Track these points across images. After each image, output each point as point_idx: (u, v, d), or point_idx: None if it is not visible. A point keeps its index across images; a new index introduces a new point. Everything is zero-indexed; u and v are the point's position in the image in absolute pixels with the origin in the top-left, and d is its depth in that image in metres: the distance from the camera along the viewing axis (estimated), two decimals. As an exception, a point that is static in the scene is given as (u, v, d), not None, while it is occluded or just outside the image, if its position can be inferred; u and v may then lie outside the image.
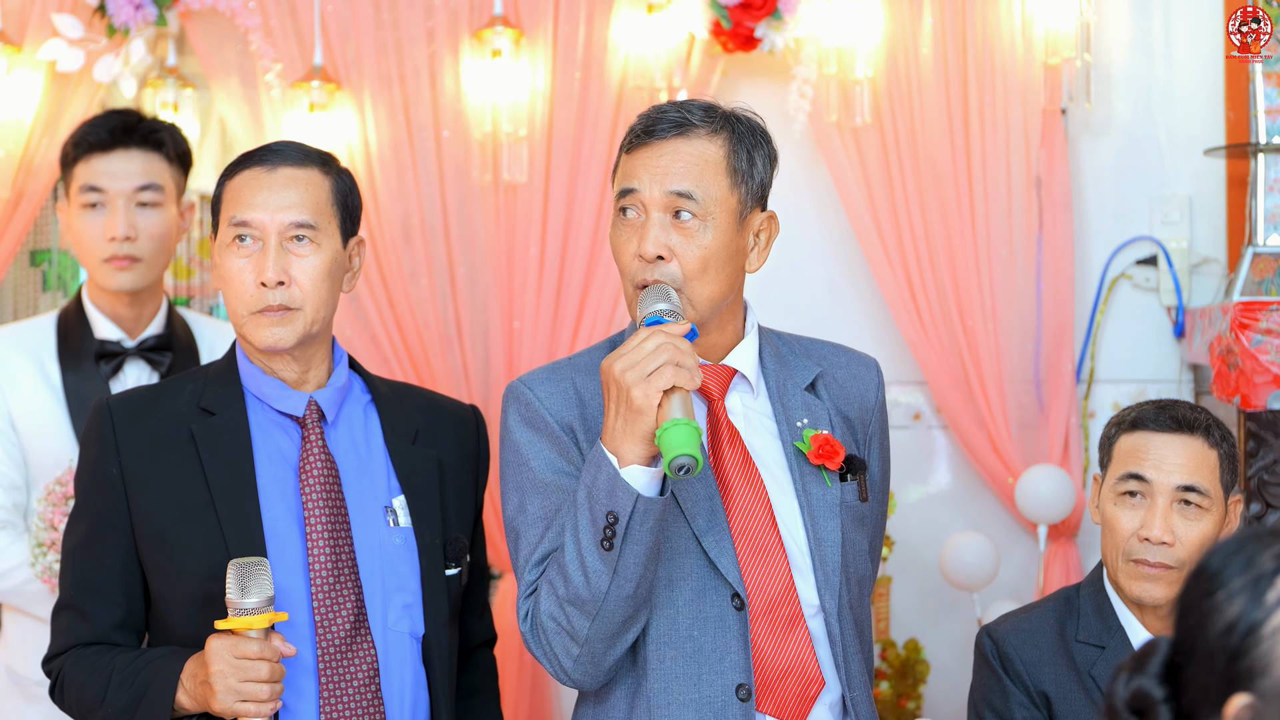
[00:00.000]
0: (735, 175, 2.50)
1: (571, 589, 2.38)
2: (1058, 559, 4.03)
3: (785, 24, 4.05)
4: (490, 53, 4.09)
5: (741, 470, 2.53)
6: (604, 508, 2.33)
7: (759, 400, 2.60)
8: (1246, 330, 3.49)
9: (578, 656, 2.42)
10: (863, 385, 2.69)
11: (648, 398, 2.29)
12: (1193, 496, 2.74)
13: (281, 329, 2.59)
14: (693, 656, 2.46)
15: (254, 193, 2.62)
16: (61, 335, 3.51)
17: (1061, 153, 4.07)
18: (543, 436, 2.53)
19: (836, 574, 2.52)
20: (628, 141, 2.54)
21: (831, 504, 2.55)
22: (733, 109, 2.57)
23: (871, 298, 4.23)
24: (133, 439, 2.61)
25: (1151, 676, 1.46)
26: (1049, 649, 2.83)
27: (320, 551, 2.57)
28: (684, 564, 2.48)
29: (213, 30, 4.21)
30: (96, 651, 2.60)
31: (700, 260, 2.45)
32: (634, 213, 2.50)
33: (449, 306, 4.17)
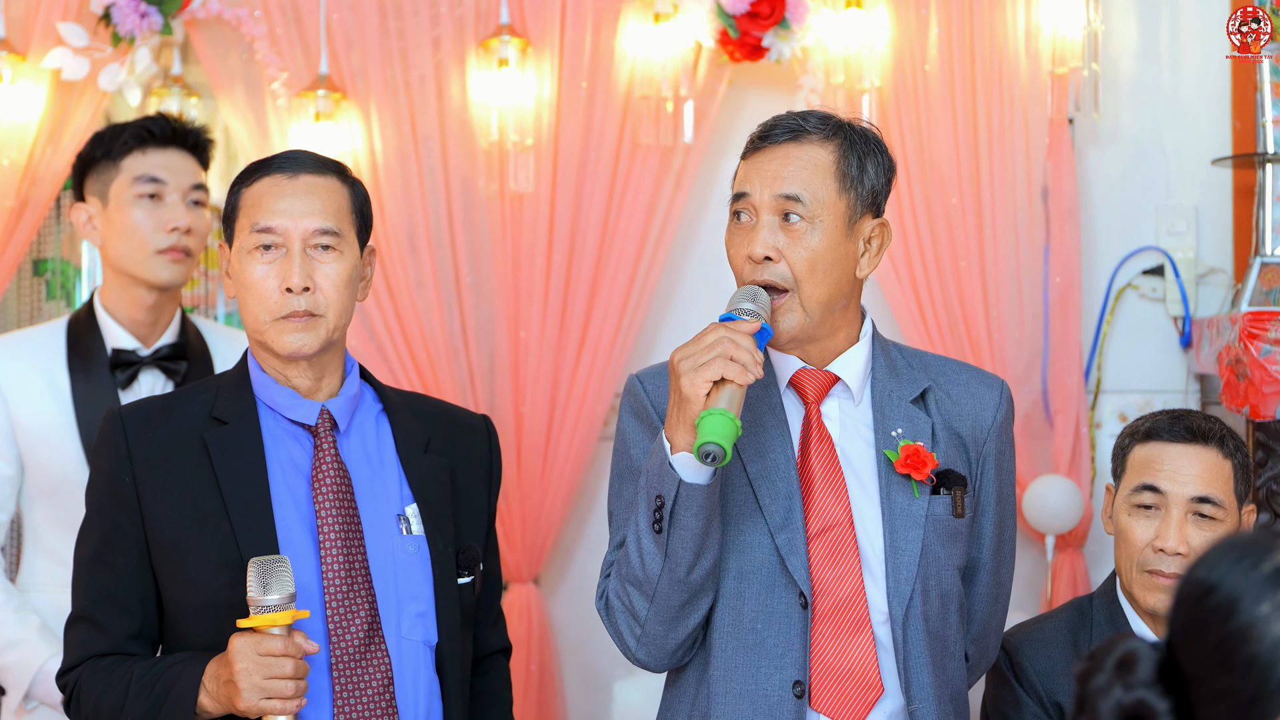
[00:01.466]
0: (845, 180, 2.56)
1: (631, 569, 2.49)
2: (1065, 569, 4.02)
3: (792, 33, 4.05)
4: (497, 62, 4.08)
5: (827, 472, 2.59)
6: (654, 491, 2.43)
7: (859, 408, 2.64)
8: (1255, 340, 3.48)
9: (640, 637, 2.53)
10: (980, 404, 2.70)
11: (694, 387, 2.36)
12: (1207, 508, 2.74)
13: (306, 335, 2.59)
14: (754, 649, 2.52)
15: (277, 199, 2.61)
16: (71, 343, 3.49)
17: (1068, 163, 4.07)
18: (645, 427, 2.62)
19: (909, 583, 2.55)
20: (747, 149, 2.62)
21: (916, 515, 2.58)
22: (850, 119, 2.63)
23: (878, 308, 4.22)
24: (145, 449, 2.61)
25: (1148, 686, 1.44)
26: (1062, 659, 2.82)
27: (334, 560, 2.57)
28: (756, 558, 2.54)
29: (218, 39, 4.21)
30: (113, 662, 2.58)
31: (808, 262, 2.52)
32: (746, 216, 2.57)
33: (455, 316, 4.16)
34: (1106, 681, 1.47)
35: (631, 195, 4.14)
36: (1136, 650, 1.46)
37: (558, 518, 4.18)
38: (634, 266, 4.15)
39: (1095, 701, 1.46)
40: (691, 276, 4.34)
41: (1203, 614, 1.42)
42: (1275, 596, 1.38)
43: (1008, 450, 2.74)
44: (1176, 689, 1.44)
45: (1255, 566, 1.40)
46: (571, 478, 4.17)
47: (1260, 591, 1.38)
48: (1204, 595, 1.42)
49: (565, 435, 4.15)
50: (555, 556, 4.33)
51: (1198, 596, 1.43)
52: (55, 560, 3.45)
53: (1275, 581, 1.39)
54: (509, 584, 4.20)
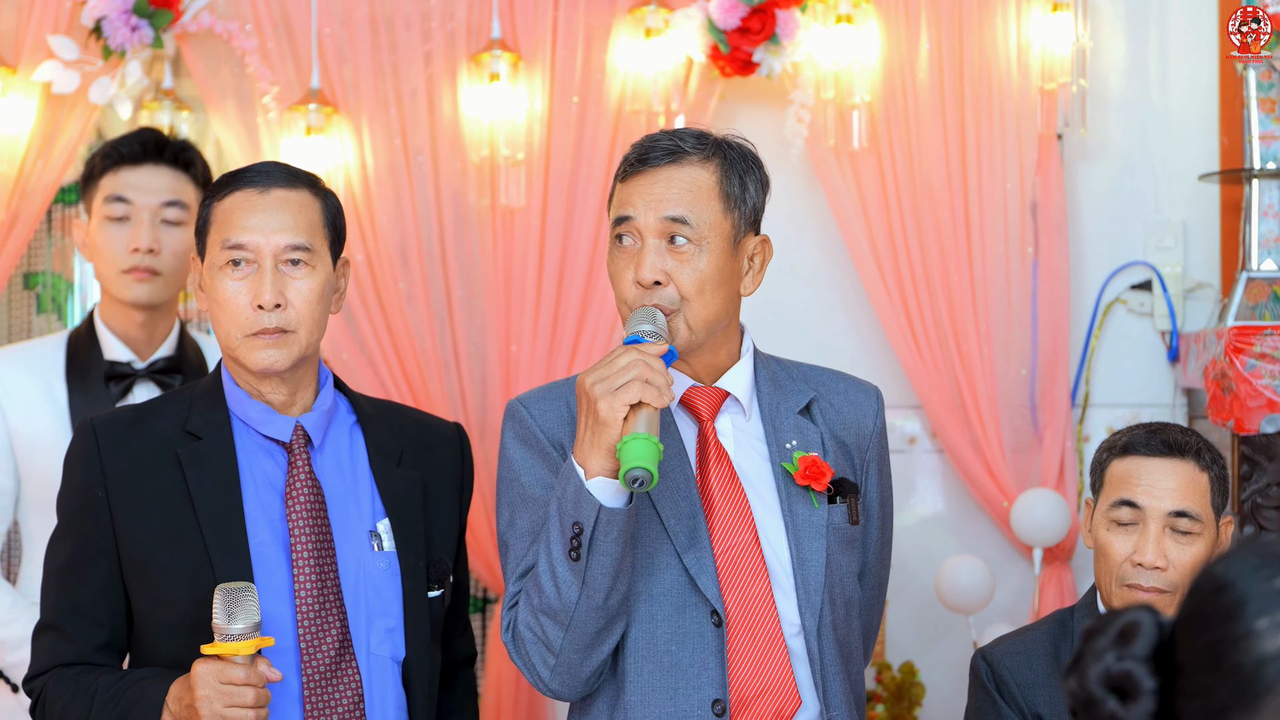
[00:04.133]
0: (728, 200, 2.54)
1: (545, 599, 2.44)
2: (1052, 582, 4.03)
3: (783, 49, 4.06)
4: (488, 76, 4.09)
5: (727, 489, 2.57)
6: (570, 518, 2.38)
7: (750, 422, 2.64)
8: (1241, 355, 3.50)
9: (554, 666, 2.48)
10: (860, 411, 2.72)
11: (613, 411, 2.34)
12: (1184, 522, 2.74)
13: (278, 351, 2.57)
14: (670, 671, 2.50)
15: (247, 215, 2.59)
16: (70, 356, 3.50)
17: (1057, 178, 4.09)
18: (534, 453, 2.58)
19: (819, 594, 2.55)
20: (622, 170, 2.59)
21: (818, 525, 2.58)
22: (724, 136, 2.62)
23: (867, 322, 4.23)
24: (118, 462, 2.59)
25: (1140, 661, 1.44)
26: (1044, 671, 2.83)
27: (306, 579, 2.56)
28: (664, 579, 2.52)
29: (209, 52, 4.21)
30: (79, 672, 2.58)
31: (696, 284, 2.50)
32: (630, 239, 2.54)
33: (446, 330, 4.17)
34: (1104, 646, 1.46)
35: (622, 209, 4.15)
36: (1140, 623, 1.46)
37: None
38: (624, 280, 4.15)
39: (1088, 662, 1.47)
40: (682, 290, 4.34)
41: (1207, 609, 1.41)
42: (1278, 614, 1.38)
43: (886, 454, 2.78)
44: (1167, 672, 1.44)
45: (1271, 578, 1.39)
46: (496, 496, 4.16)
47: (1267, 604, 1.38)
48: (1215, 591, 1.42)
49: (555, 448, 4.15)
50: (545, 569, 4.32)
51: (1208, 590, 1.43)
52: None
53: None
54: (496, 595, 4.20)
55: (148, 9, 4.07)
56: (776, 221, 2.69)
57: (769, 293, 3.02)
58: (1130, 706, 1.44)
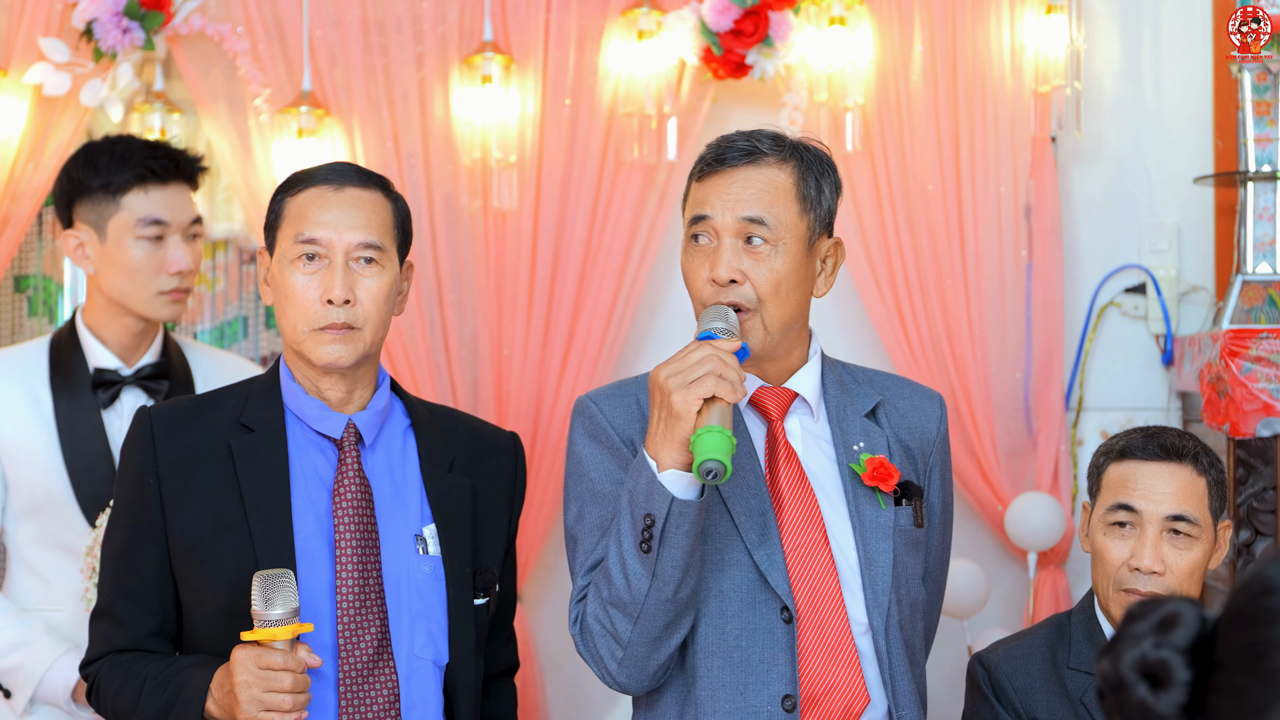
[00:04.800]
0: (804, 202, 2.59)
1: (614, 591, 2.47)
2: (1047, 586, 4.02)
3: (776, 51, 4.05)
4: (480, 79, 4.08)
5: (796, 488, 2.61)
6: (642, 510, 2.42)
7: (818, 424, 2.68)
8: (1236, 358, 3.49)
9: (621, 659, 2.52)
10: (925, 417, 2.76)
11: (687, 404, 2.37)
12: (1182, 526, 2.74)
13: (343, 347, 2.61)
14: (740, 666, 2.53)
15: (322, 210, 2.63)
16: (54, 362, 3.48)
17: (1051, 181, 4.08)
18: (604, 449, 2.62)
19: (886, 594, 2.58)
20: (698, 170, 2.63)
21: (884, 526, 2.62)
22: (800, 139, 2.65)
23: (861, 325, 4.22)
24: (171, 451, 2.64)
25: (1178, 651, 1.43)
26: (1041, 676, 2.82)
27: (348, 575, 2.59)
28: (735, 575, 2.55)
29: (200, 55, 4.20)
30: (132, 658, 2.63)
31: (772, 283, 2.54)
32: (706, 239, 2.58)
33: (438, 333, 4.16)
34: (1143, 631, 1.45)
35: (615, 212, 4.14)
36: (1183, 614, 1.44)
37: (540, 536, 4.17)
38: (617, 284, 4.14)
39: (1124, 645, 1.45)
40: (675, 294, 4.33)
41: (1253, 608, 1.40)
42: None
43: (948, 460, 2.82)
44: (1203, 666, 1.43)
45: None
46: (555, 495, 4.16)
47: None
48: (1263, 592, 1.40)
49: (549, 452, 4.14)
50: (538, 574, 4.31)
51: (1257, 590, 1.40)
52: (39, 578, 3.45)
53: None
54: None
55: (139, 11, 4.05)
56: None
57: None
58: (1160, 695, 1.43)
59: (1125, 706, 1.44)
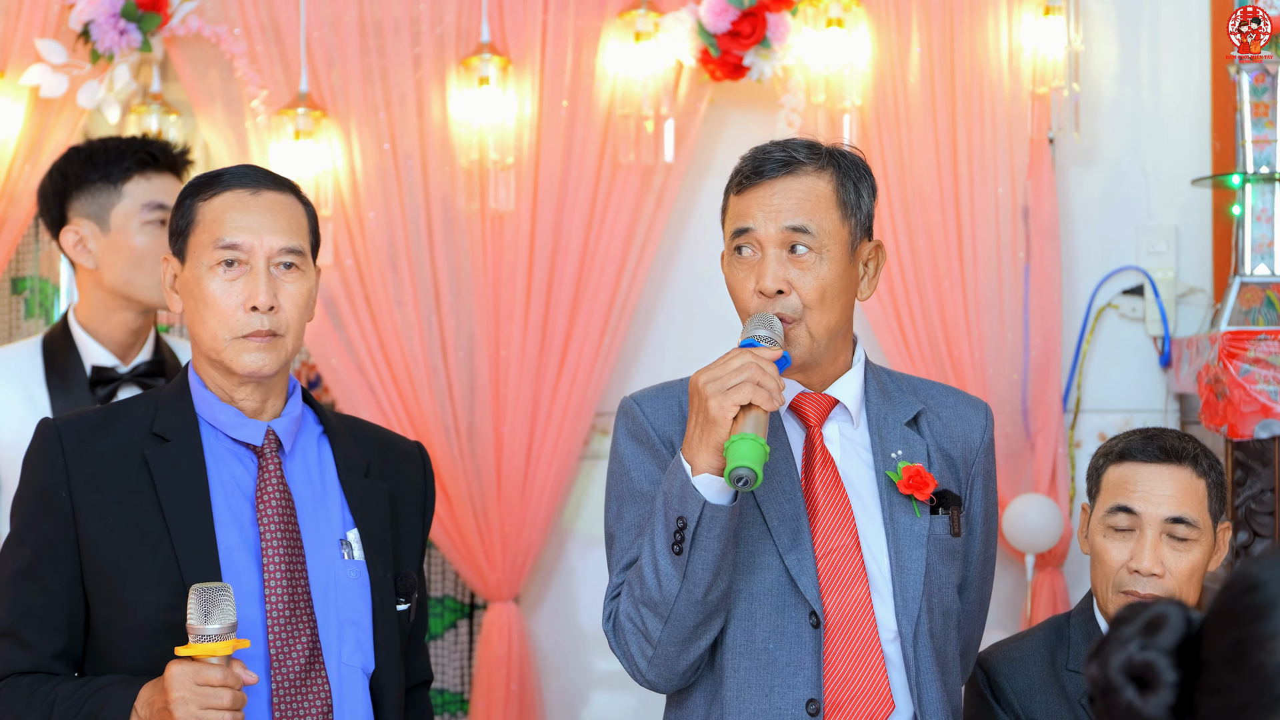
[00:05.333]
0: (845, 208, 2.60)
1: (646, 591, 2.49)
2: (1044, 588, 4.02)
3: (773, 52, 4.04)
4: (477, 80, 4.08)
5: (831, 494, 2.61)
6: (675, 512, 2.43)
7: (858, 431, 2.68)
8: (1235, 360, 3.49)
9: (651, 658, 2.54)
10: (968, 426, 2.76)
11: (723, 410, 2.38)
12: (1181, 528, 2.74)
13: (267, 354, 2.54)
14: (767, 668, 2.54)
15: (240, 215, 2.55)
16: (49, 361, 3.47)
17: (1049, 182, 4.08)
18: (644, 449, 2.63)
19: (916, 602, 2.58)
20: (736, 183, 2.63)
21: (918, 534, 2.62)
22: (833, 145, 2.67)
23: (858, 326, 4.21)
24: (83, 464, 2.54)
25: (1164, 653, 1.44)
26: (1040, 678, 2.82)
27: (277, 584, 2.51)
28: (765, 579, 2.56)
29: (197, 56, 4.20)
30: (35, 680, 2.51)
31: (818, 291, 2.55)
32: (750, 251, 2.58)
33: (435, 335, 4.15)
34: (1130, 635, 1.46)
35: (612, 214, 4.14)
36: (1169, 616, 1.46)
37: (538, 537, 4.17)
38: (615, 286, 4.14)
39: (1111, 649, 1.46)
40: (672, 296, 4.34)
41: (1237, 607, 1.41)
42: None
43: (992, 470, 2.82)
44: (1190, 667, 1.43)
45: None
46: (552, 497, 4.16)
47: None
48: (1246, 590, 1.41)
49: (545, 454, 4.14)
50: (535, 576, 4.31)
51: (1240, 589, 1.42)
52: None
53: None
54: (489, 602, 4.19)
55: (136, 13, 4.05)
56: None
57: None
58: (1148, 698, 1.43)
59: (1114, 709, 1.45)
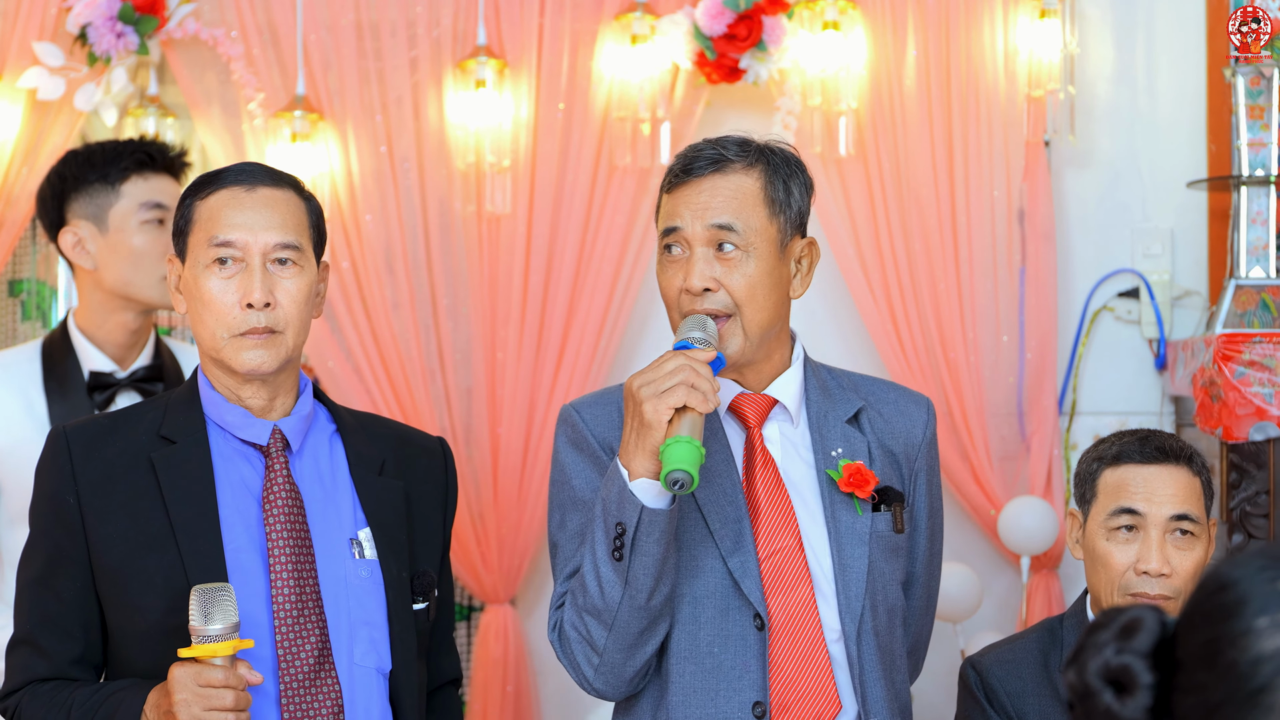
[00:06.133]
0: (773, 205, 2.60)
1: (589, 599, 2.49)
2: (1040, 590, 4.02)
3: (769, 55, 4.05)
4: (474, 83, 4.09)
5: (772, 495, 2.61)
6: (614, 519, 2.44)
7: (798, 430, 2.68)
8: (1230, 362, 3.49)
9: (598, 666, 2.53)
10: (910, 421, 2.76)
11: (658, 414, 2.38)
12: (1186, 525, 2.75)
13: (265, 351, 2.52)
14: (712, 673, 2.54)
15: (235, 212, 2.54)
16: (48, 366, 3.46)
17: (1044, 185, 4.08)
18: (585, 457, 2.63)
19: (859, 600, 2.59)
20: (667, 182, 2.64)
21: (860, 532, 2.62)
22: (766, 142, 2.66)
23: (854, 329, 4.23)
24: (90, 469, 2.54)
25: (1140, 656, 1.45)
26: (1033, 680, 2.82)
27: (284, 584, 2.50)
28: (708, 582, 2.56)
29: (194, 59, 4.20)
30: (54, 687, 2.52)
31: (747, 288, 2.55)
32: (678, 249, 2.59)
33: (432, 338, 4.16)
34: (1105, 639, 1.47)
35: (608, 217, 4.14)
36: (1144, 620, 1.47)
37: (534, 539, 4.17)
38: (610, 288, 4.14)
39: (1088, 654, 1.47)
40: (669, 298, 4.33)
41: (1209, 606, 1.42)
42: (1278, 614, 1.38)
43: (936, 465, 2.81)
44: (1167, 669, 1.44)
45: (1275, 580, 1.39)
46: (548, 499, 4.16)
47: (1267, 604, 1.39)
48: (1218, 589, 1.42)
49: (542, 457, 4.14)
50: (532, 578, 4.32)
51: (1211, 588, 1.43)
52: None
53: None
54: (485, 605, 4.19)
55: (133, 15, 4.06)
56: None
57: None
58: (1126, 701, 1.44)
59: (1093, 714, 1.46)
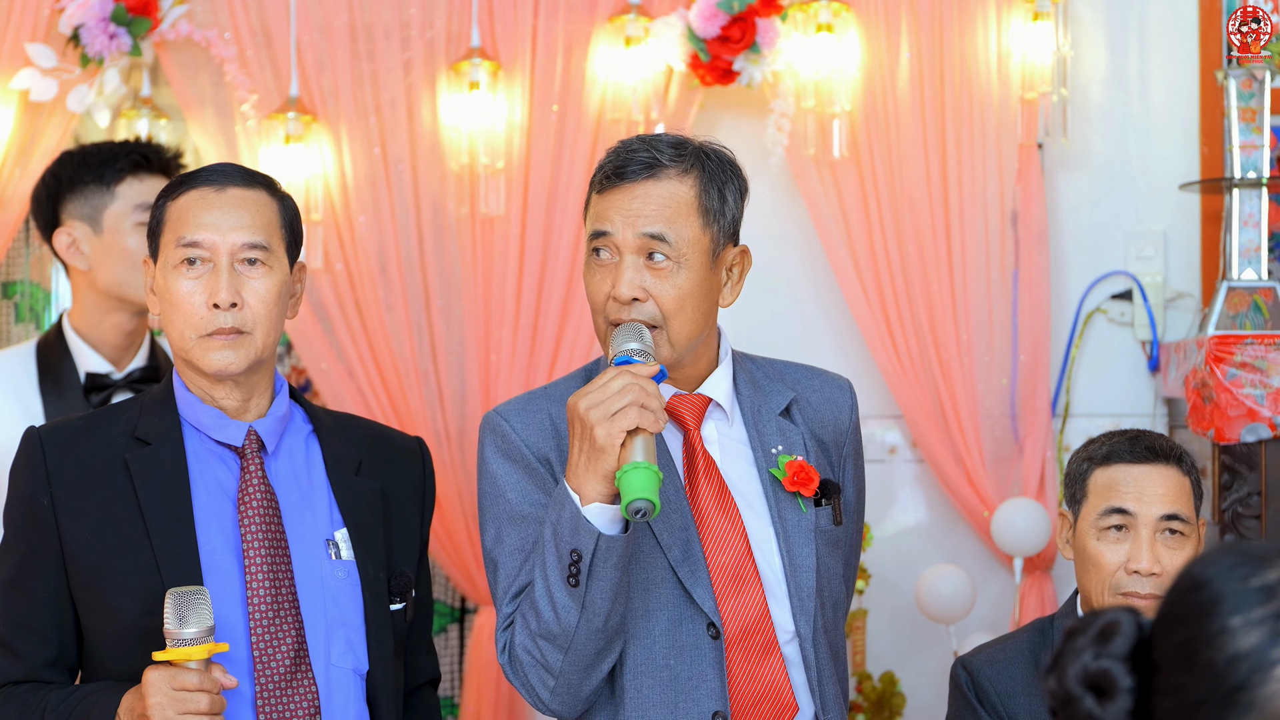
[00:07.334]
0: (707, 215, 2.51)
1: (543, 624, 2.40)
2: (1033, 591, 4.03)
3: (763, 57, 4.05)
4: (468, 85, 4.09)
5: (717, 500, 2.55)
6: (568, 545, 2.34)
7: (734, 427, 2.63)
8: (1221, 364, 3.49)
9: (554, 688, 2.45)
10: (836, 408, 2.71)
11: (610, 438, 2.30)
12: (1176, 524, 2.76)
13: (233, 352, 2.52)
14: (669, 685, 2.48)
15: (203, 212, 2.54)
16: (43, 367, 3.46)
17: (1038, 187, 4.09)
18: (519, 468, 2.54)
19: (811, 599, 2.55)
20: (598, 182, 2.55)
21: (806, 529, 2.58)
22: (702, 143, 2.58)
23: (848, 331, 4.23)
24: (64, 470, 2.53)
25: (1118, 659, 1.45)
26: (1023, 680, 2.82)
27: (259, 585, 2.49)
28: (660, 594, 2.49)
29: (187, 60, 4.20)
30: (28, 690, 2.51)
31: (676, 300, 2.48)
32: (607, 254, 2.51)
33: (425, 339, 4.16)
34: (1083, 645, 1.48)
35: (602, 218, 4.14)
36: (1120, 623, 1.47)
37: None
38: (604, 290, 4.14)
39: (1067, 660, 1.48)
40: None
41: (1183, 607, 1.43)
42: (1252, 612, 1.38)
43: (860, 449, 2.77)
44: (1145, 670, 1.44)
45: (1247, 577, 1.40)
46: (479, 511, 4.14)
47: (1241, 602, 1.39)
48: (1191, 589, 1.43)
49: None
50: (525, 580, 4.31)
51: (1185, 589, 1.44)
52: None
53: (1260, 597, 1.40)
54: (479, 606, 4.19)
55: (126, 17, 4.05)
56: (756, 231, 2.67)
57: (748, 302, 3.00)
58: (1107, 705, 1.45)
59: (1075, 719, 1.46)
